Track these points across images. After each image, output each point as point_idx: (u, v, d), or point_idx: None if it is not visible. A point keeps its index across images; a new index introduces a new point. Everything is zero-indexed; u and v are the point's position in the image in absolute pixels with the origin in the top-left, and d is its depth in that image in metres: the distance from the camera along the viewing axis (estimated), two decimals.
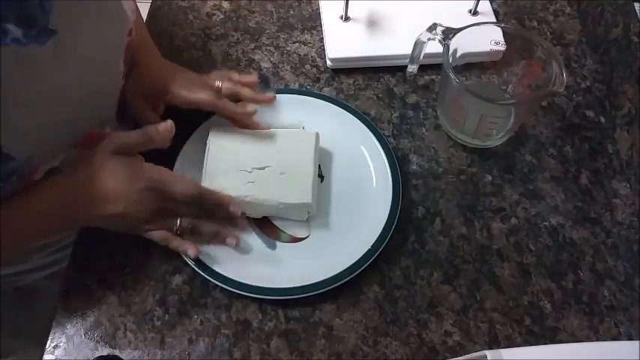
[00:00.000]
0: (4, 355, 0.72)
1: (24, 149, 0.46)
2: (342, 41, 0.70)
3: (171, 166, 0.60)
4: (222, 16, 0.76)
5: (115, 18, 0.54)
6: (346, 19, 0.71)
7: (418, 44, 0.62)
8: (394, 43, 0.70)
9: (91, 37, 0.50)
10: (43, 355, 0.53)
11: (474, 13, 0.72)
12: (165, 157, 0.61)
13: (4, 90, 0.42)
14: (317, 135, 0.61)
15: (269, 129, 0.61)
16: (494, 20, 0.73)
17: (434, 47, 0.60)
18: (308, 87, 0.69)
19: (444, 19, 0.61)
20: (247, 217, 0.59)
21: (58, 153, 0.52)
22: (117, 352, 0.52)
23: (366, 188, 0.61)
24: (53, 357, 0.52)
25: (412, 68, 0.67)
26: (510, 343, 0.53)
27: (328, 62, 0.70)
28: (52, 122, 0.48)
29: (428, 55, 0.64)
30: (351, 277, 0.55)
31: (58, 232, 0.55)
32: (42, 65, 0.45)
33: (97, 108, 0.54)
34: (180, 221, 0.53)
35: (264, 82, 0.69)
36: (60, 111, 0.48)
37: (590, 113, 0.68)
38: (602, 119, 0.68)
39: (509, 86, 0.66)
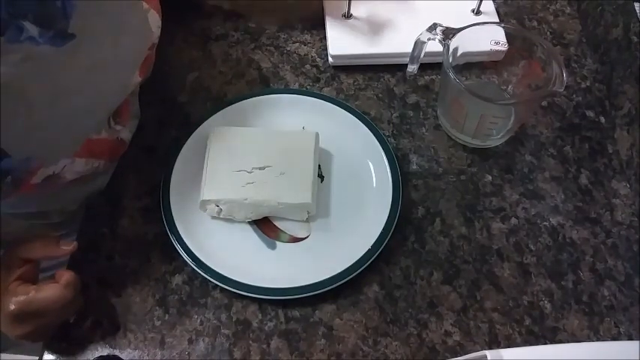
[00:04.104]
0: (3, 348, 0.72)
1: (22, 147, 0.46)
2: (344, 38, 0.70)
3: (171, 167, 0.60)
4: (222, 16, 0.76)
5: (138, 31, 0.54)
6: (349, 16, 0.72)
7: (418, 44, 0.62)
8: (396, 41, 0.69)
9: (109, 46, 0.49)
10: (43, 352, 0.53)
11: (477, 12, 0.72)
12: (166, 157, 0.61)
13: (10, 85, 0.41)
14: (317, 135, 0.61)
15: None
16: (497, 20, 0.73)
17: (434, 46, 0.60)
18: (308, 87, 0.69)
19: (448, 18, 0.60)
20: (247, 217, 0.58)
21: (59, 157, 0.51)
22: (117, 352, 0.52)
23: (366, 188, 0.61)
24: (53, 357, 0.52)
25: (412, 68, 0.67)
26: (510, 343, 0.53)
27: (330, 59, 0.70)
28: (54, 123, 0.48)
29: (428, 55, 0.64)
30: (351, 277, 0.55)
31: None
32: (53, 65, 0.44)
33: (99, 114, 0.54)
34: None
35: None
36: (63, 113, 0.48)
37: (590, 113, 0.68)
38: (602, 119, 0.68)
39: (509, 86, 0.66)
